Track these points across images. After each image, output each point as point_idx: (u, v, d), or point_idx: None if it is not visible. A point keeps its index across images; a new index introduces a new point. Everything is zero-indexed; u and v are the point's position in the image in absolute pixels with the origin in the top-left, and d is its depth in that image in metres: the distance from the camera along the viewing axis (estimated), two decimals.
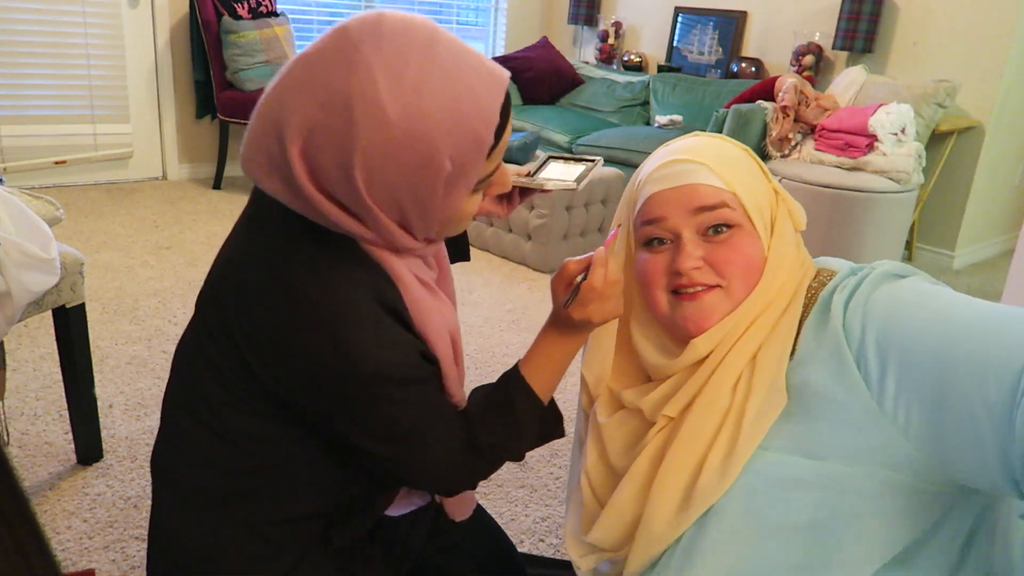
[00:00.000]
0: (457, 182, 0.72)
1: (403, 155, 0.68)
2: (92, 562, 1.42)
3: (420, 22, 0.70)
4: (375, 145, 0.67)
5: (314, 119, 0.67)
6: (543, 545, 1.56)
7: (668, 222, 0.81)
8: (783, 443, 0.74)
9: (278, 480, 0.83)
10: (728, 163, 0.82)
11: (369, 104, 0.66)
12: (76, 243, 3.03)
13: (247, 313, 0.76)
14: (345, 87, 0.66)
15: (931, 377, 0.65)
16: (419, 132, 0.67)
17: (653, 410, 0.83)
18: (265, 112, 0.71)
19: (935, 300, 0.69)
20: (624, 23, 4.91)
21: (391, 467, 0.82)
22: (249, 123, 0.73)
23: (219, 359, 0.79)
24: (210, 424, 0.82)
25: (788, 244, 0.82)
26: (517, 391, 0.87)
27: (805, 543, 0.72)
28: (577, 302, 0.82)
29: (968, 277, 3.59)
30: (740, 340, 0.78)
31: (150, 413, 1.93)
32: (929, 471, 0.68)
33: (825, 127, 3.32)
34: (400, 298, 0.78)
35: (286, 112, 0.68)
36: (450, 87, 0.68)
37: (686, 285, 0.80)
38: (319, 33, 0.76)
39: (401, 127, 0.66)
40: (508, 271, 3.20)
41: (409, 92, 0.66)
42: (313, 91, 0.67)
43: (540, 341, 0.89)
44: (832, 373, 0.71)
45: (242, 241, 0.81)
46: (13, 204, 1.36)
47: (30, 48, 3.53)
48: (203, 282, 0.86)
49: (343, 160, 0.68)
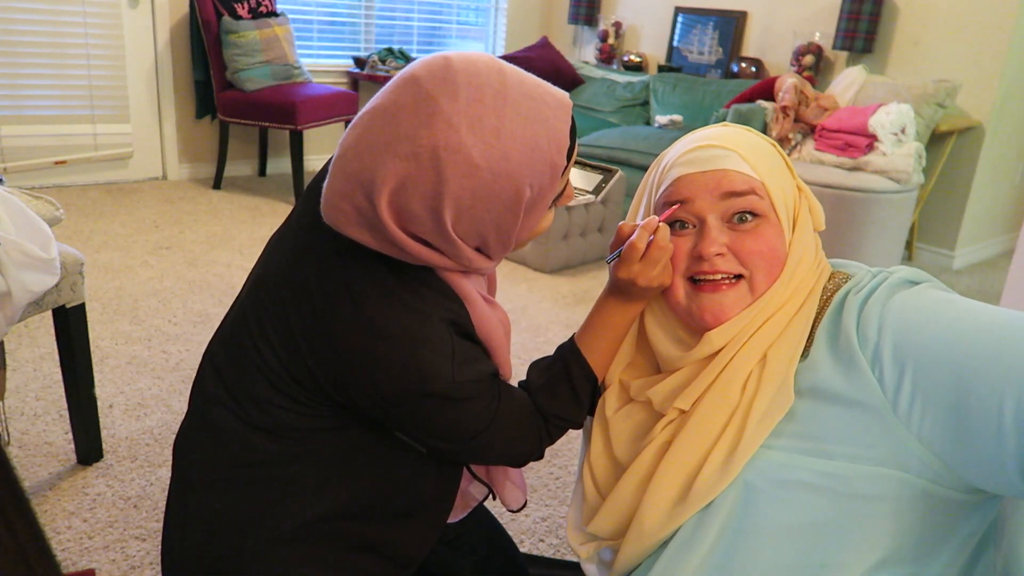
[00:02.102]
0: (536, 205, 0.78)
1: (490, 194, 0.73)
2: (92, 562, 1.42)
3: (485, 62, 0.74)
4: (464, 189, 0.71)
5: (402, 173, 0.71)
6: (543, 545, 1.56)
7: (694, 205, 0.80)
8: (788, 442, 0.73)
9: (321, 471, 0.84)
10: (758, 153, 0.81)
11: (454, 153, 0.70)
12: (76, 243, 3.03)
13: (316, 325, 0.78)
14: (430, 140, 0.70)
15: (948, 384, 0.65)
16: (503, 171, 0.72)
17: (662, 402, 0.82)
18: (348, 170, 0.74)
19: (952, 308, 0.69)
20: (624, 23, 4.91)
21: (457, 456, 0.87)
22: (330, 177, 0.76)
23: (274, 361, 0.81)
24: (254, 420, 0.83)
25: (808, 242, 0.82)
26: (574, 363, 0.90)
27: (804, 544, 0.72)
28: (621, 261, 0.84)
29: (968, 277, 3.59)
30: (753, 337, 0.78)
31: (150, 413, 1.93)
32: (941, 474, 0.68)
33: (825, 127, 3.32)
34: (469, 317, 0.82)
35: (372, 169, 0.72)
36: (525, 123, 0.73)
37: (707, 272, 0.79)
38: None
39: (486, 169, 0.71)
40: (508, 271, 3.20)
41: (490, 136, 0.71)
42: (397, 147, 0.71)
43: (594, 313, 0.92)
44: (845, 375, 0.71)
45: (309, 247, 0.83)
46: (13, 204, 1.36)
47: (30, 48, 3.53)
48: (253, 279, 0.88)
49: (433, 206, 0.72)
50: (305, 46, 4.45)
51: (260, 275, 0.87)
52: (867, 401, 0.69)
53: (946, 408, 0.65)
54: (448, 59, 0.73)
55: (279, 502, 0.83)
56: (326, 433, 0.84)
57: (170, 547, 0.89)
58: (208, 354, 0.90)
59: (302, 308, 0.79)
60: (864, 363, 0.70)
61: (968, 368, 0.64)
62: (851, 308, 0.73)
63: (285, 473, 0.84)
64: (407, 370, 0.75)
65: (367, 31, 4.71)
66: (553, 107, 0.75)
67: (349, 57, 4.63)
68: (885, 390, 0.68)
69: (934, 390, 0.65)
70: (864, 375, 0.69)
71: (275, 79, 3.84)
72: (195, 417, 0.89)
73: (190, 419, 0.90)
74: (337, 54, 4.63)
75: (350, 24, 4.66)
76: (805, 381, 0.75)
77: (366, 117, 0.74)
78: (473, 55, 0.75)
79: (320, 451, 0.84)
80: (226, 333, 0.89)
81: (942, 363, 0.65)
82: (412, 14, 4.89)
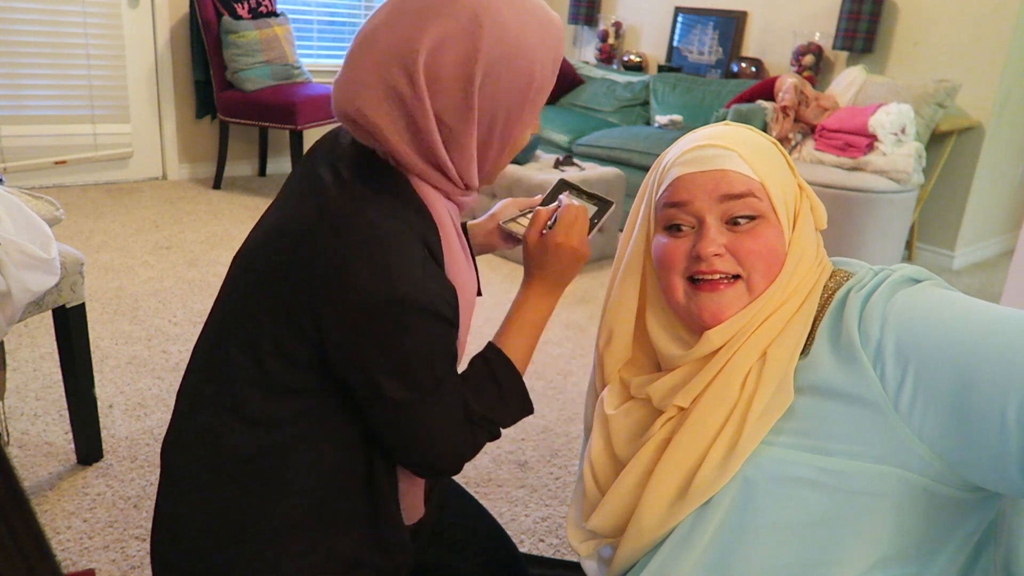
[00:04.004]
0: (534, 100, 0.83)
1: (513, 63, 0.78)
2: (92, 562, 1.42)
3: None
4: (495, 52, 0.77)
5: (444, 32, 0.76)
6: (543, 545, 1.56)
7: (693, 206, 0.80)
8: (788, 439, 0.73)
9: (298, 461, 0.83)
10: (758, 152, 0.81)
11: (492, 15, 0.76)
12: (76, 243, 3.03)
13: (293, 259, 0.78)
14: (471, 3, 0.76)
15: (951, 382, 0.65)
16: (525, 44, 0.79)
17: (662, 399, 0.82)
18: (379, 44, 0.78)
19: (956, 306, 0.69)
20: (624, 23, 4.91)
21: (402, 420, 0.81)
22: (348, 64, 0.81)
23: (253, 327, 0.81)
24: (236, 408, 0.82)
25: (809, 241, 0.82)
26: (496, 362, 0.92)
27: (802, 540, 0.72)
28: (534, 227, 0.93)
29: (968, 277, 3.59)
30: (753, 335, 0.78)
31: (150, 413, 1.93)
32: (942, 472, 0.68)
33: (825, 127, 3.32)
34: (439, 242, 0.83)
35: (411, 33, 0.76)
36: (541, 10, 0.82)
37: (705, 272, 0.79)
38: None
39: (514, 37, 0.78)
40: (508, 271, 3.20)
41: (519, 10, 0.79)
42: (437, 10, 0.76)
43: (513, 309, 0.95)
44: (846, 372, 0.71)
45: (287, 207, 0.85)
46: (13, 204, 1.36)
47: (30, 48, 3.53)
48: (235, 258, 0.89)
49: (467, 69, 0.77)
50: (305, 46, 4.45)
51: (238, 253, 0.89)
52: (868, 398, 0.69)
53: (948, 406, 0.65)
54: None
55: (264, 499, 0.83)
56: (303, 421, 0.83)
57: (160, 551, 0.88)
58: (193, 351, 0.91)
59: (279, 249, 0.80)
60: (866, 360, 0.70)
61: (972, 366, 0.64)
62: (853, 305, 0.73)
63: (267, 467, 0.83)
64: (375, 275, 0.74)
65: None
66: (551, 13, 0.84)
67: None
68: (887, 387, 0.68)
69: (937, 388, 0.66)
70: (865, 372, 0.69)
71: (275, 79, 3.84)
72: (179, 417, 0.89)
73: (174, 419, 0.90)
74: (337, 54, 4.63)
75: (350, 24, 4.66)
76: (806, 378, 0.75)
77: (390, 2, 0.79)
78: None
79: (299, 444, 0.83)
80: (207, 321, 0.90)
81: (945, 361, 0.65)
82: None
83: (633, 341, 0.92)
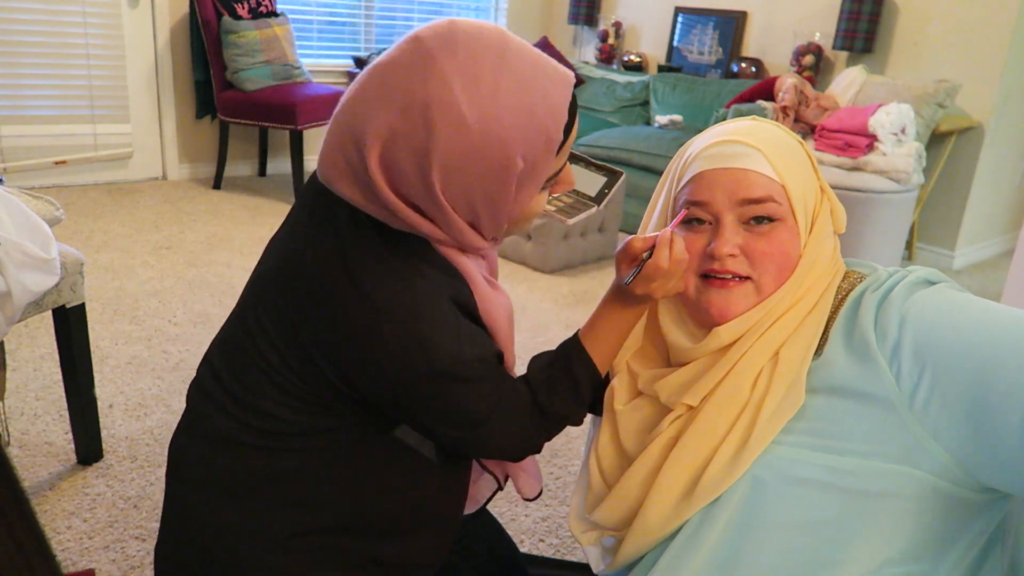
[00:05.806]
0: (528, 180, 0.75)
1: (479, 157, 0.70)
2: (92, 562, 1.42)
3: (490, 28, 0.73)
4: (453, 148, 0.69)
5: (393, 125, 0.70)
6: (543, 545, 1.56)
7: (712, 207, 0.80)
8: (799, 438, 0.73)
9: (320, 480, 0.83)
10: (782, 152, 0.80)
11: (447, 109, 0.68)
12: (76, 243, 3.03)
13: (316, 310, 0.77)
14: (423, 94, 0.68)
15: (969, 383, 0.65)
16: (495, 135, 0.70)
17: (670, 396, 0.82)
18: (342, 121, 0.74)
19: (972, 308, 0.70)
20: (624, 23, 4.91)
21: (461, 447, 0.85)
22: (327, 132, 0.76)
23: (273, 356, 0.80)
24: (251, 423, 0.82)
25: (825, 244, 0.81)
26: (577, 360, 0.89)
27: (811, 540, 0.72)
28: (640, 279, 0.82)
29: (968, 277, 3.59)
30: (764, 335, 0.78)
31: (150, 413, 1.93)
32: (954, 472, 0.68)
33: (825, 127, 3.32)
34: (471, 296, 0.81)
35: (365, 120, 0.71)
36: (523, 89, 0.71)
37: (717, 271, 0.79)
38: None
39: (478, 130, 0.69)
40: (508, 271, 3.20)
41: (485, 96, 0.69)
42: (391, 99, 0.70)
43: (600, 312, 0.90)
44: (861, 371, 0.71)
45: (305, 234, 0.81)
46: (13, 204, 1.36)
47: (30, 48, 3.53)
48: (251, 278, 0.87)
49: (421, 163, 0.70)
50: (305, 46, 4.45)
51: (257, 272, 0.86)
52: (882, 396, 0.69)
53: (965, 407, 0.65)
54: (453, 21, 0.73)
55: (277, 510, 0.83)
56: (324, 436, 0.82)
57: (165, 552, 0.88)
58: (206, 358, 0.90)
59: (300, 296, 0.78)
60: (881, 359, 0.70)
61: (990, 369, 0.64)
62: (869, 305, 0.73)
63: (282, 481, 0.83)
64: (410, 348, 0.74)
65: (367, 31, 4.71)
66: (554, 79, 0.74)
67: (349, 57, 4.63)
68: (902, 386, 0.68)
69: (953, 389, 0.66)
70: (881, 371, 0.69)
71: (275, 79, 3.84)
72: (190, 421, 0.89)
73: (185, 422, 0.90)
74: (337, 54, 4.63)
75: (350, 24, 4.66)
76: (819, 378, 0.74)
77: (366, 73, 0.73)
78: (480, 22, 0.74)
79: (318, 457, 0.83)
80: (224, 334, 0.88)
81: (964, 362, 0.66)
82: (412, 14, 4.89)
83: (644, 333, 0.91)
